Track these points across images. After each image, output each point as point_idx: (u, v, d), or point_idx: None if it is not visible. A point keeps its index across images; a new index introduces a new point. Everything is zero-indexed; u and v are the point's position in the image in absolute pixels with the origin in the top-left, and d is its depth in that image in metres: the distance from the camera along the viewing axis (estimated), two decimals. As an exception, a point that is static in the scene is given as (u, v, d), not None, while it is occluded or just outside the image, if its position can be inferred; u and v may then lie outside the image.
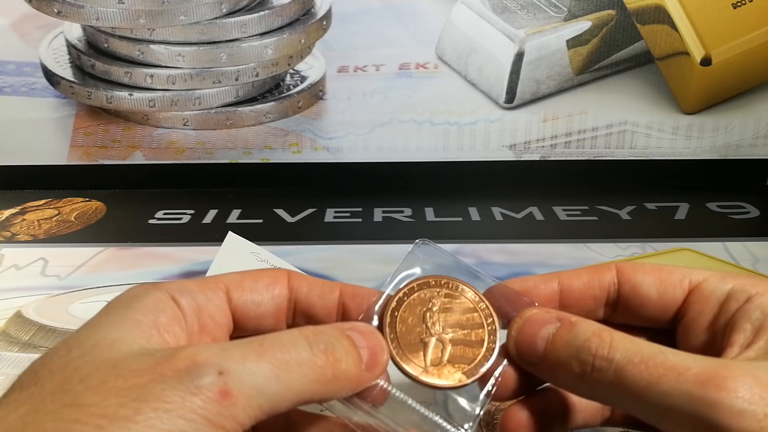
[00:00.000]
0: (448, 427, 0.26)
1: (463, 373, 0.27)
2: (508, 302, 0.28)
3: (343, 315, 0.28)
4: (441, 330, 0.28)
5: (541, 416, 0.27)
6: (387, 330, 0.27)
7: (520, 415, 0.27)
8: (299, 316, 0.29)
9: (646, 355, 0.24)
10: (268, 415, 0.23)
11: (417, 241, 0.31)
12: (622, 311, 0.29)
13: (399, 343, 0.27)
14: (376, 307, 0.28)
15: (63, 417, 0.20)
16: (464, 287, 0.29)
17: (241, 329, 0.28)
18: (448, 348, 0.27)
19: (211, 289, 0.27)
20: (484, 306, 0.28)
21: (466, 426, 0.27)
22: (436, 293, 0.29)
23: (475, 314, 0.28)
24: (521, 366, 0.27)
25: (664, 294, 0.28)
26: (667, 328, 0.28)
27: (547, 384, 0.28)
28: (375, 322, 0.28)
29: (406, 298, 0.28)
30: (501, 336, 0.28)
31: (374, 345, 0.26)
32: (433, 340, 0.28)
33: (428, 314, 0.28)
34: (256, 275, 0.28)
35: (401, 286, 0.29)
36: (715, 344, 0.26)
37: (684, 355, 0.23)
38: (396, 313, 0.28)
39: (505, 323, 0.28)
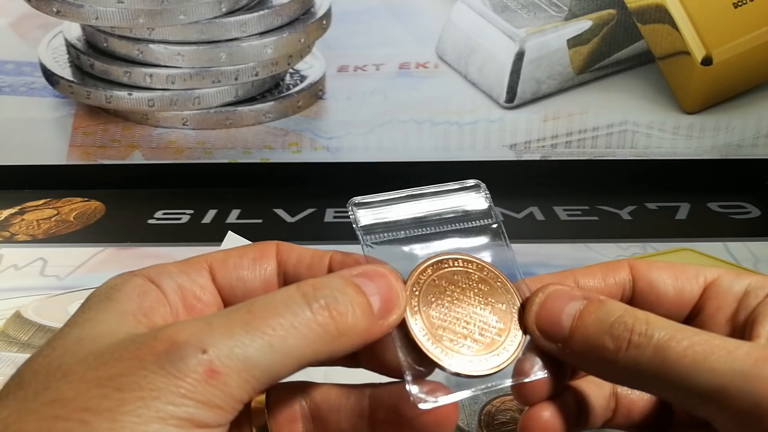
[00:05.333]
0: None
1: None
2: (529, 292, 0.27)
3: None
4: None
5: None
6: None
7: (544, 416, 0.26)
8: None
9: (689, 332, 0.22)
10: (270, 384, 0.22)
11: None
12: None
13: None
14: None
15: (44, 415, 0.19)
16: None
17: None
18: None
19: (193, 269, 0.26)
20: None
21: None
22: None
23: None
24: (542, 346, 0.25)
25: (681, 290, 0.27)
26: None
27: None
28: None
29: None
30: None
31: (387, 289, 0.24)
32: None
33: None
34: (242, 251, 0.27)
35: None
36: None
37: (725, 337, 0.23)
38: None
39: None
